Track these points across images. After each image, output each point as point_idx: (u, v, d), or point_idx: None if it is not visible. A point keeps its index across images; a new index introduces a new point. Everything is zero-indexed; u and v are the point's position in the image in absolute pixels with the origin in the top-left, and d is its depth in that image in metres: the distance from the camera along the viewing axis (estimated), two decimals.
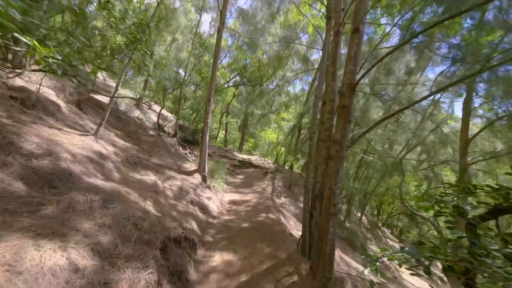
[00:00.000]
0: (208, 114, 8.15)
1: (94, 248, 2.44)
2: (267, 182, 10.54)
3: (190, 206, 5.70)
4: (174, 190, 5.92)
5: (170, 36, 14.01)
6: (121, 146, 6.75)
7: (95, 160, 4.42)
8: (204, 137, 8.02)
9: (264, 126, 20.49)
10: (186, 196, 6.10)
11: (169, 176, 6.48)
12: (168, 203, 5.05)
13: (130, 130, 8.61)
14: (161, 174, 6.30)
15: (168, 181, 6.18)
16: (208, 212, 6.16)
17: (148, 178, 5.56)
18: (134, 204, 3.73)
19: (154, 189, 5.16)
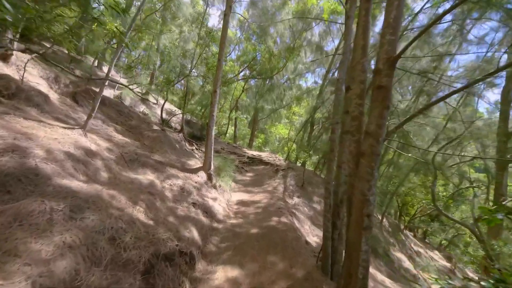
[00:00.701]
0: (213, 106, 7.38)
1: (37, 282, 1.70)
2: (278, 180, 9.71)
3: (191, 209, 4.97)
4: (174, 191, 5.20)
5: (177, 29, 13.32)
6: (118, 142, 6.10)
7: (77, 157, 3.73)
8: (210, 132, 7.26)
9: (274, 121, 19.57)
10: (188, 197, 5.37)
11: (170, 175, 5.77)
12: (165, 206, 4.32)
13: (132, 124, 7.98)
14: (160, 173, 5.60)
15: (168, 180, 5.47)
16: (212, 215, 5.41)
17: (144, 177, 4.85)
18: (117, 212, 3.00)
19: (150, 190, 4.44)
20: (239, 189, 8.66)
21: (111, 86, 10.82)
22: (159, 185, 4.94)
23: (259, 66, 15.09)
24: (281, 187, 8.98)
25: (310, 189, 9.53)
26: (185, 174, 6.54)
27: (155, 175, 5.34)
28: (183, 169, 6.79)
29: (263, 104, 18.43)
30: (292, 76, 18.05)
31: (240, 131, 22.02)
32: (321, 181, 10.36)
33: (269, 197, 7.71)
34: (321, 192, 9.59)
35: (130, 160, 5.33)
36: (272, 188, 8.87)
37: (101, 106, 7.68)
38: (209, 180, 7.04)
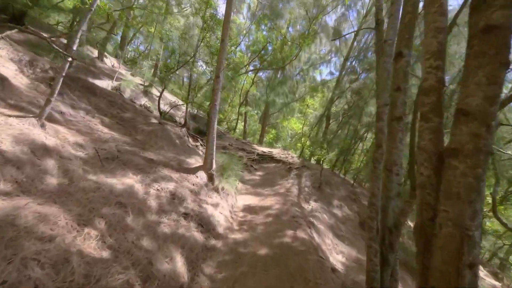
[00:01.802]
0: (216, 94, 6.13)
1: None
2: (292, 180, 8.37)
3: (181, 223, 3.76)
4: (161, 198, 4.01)
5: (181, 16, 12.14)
6: (100, 136, 4.98)
7: (9, 156, 2.58)
8: (211, 124, 6.03)
9: (287, 115, 18.12)
10: (180, 205, 4.16)
11: (159, 177, 4.59)
12: (141, 223, 3.13)
13: (124, 117, 6.88)
14: (147, 174, 4.42)
15: (156, 183, 4.29)
16: (210, 228, 4.19)
17: (120, 181, 3.68)
18: (36, 245, 1.81)
19: (123, 199, 3.25)
20: (246, 191, 7.41)
21: (109, 77, 9.81)
22: (140, 192, 3.75)
23: (270, 56, 13.68)
24: (295, 188, 7.66)
25: (329, 191, 8.13)
26: (181, 175, 5.35)
27: (139, 177, 4.17)
28: (179, 169, 5.60)
29: (274, 98, 17.02)
30: (305, 67, 16.51)
31: (250, 127, 20.74)
32: (340, 181, 8.94)
33: (281, 202, 6.41)
34: (341, 194, 8.19)
35: (108, 158, 4.18)
36: (285, 190, 7.56)
37: (90, 96, 6.63)
38: (210, 181, 5.83)
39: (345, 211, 7.42)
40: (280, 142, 19.66)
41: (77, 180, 3.09)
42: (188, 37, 7.73)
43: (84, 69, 9.36)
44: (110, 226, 2.66)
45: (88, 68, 9.54)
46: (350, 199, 8.15)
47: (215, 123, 6.13)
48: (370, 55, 11.93)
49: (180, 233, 3.44)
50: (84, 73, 9.11)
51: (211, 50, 7.62)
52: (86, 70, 9.38)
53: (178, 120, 11.40)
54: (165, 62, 8.40)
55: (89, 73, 9.29)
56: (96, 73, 9.65)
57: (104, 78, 9.67)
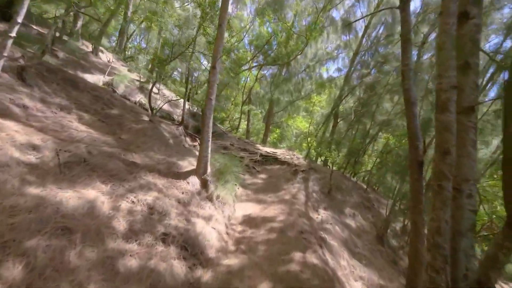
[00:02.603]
0: (212, 87, 5.19)
1: None
2: (298, 185, 7.39)
3: (158, 248, 2.83)
4: (135, 214, 3.09)
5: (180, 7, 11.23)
6: (71, 135, 4.09)
7: None
8: (206, 122, 5.11)
9: (292, 113, 17.05)
10: (160, 222, 3.24)
11: (138, 185, 3.67)
12: (96, 256, 2.21)
13: (110, 114, 6.00)
14: (122, 182, 3.51)
15: (132, 194, 3.37)
16: (197, 252, 3.25)
17: (77, 194, 2.76)
18: None
19: (72, 222, 2.34)
20: (247, 197, 6.46)
21: (102, 72, 8.97)
22: (104, 208, 2.84)
23: (274, 51, 12.68)
24: (301, 194, 6.68)
25: (340, 197, 7.13)
26: (169, 181, 4.44)
27: (108, 187, 3.25)
28: (168, 174, 4.69)
29: (278, 96, 15.98)
30: (312, 63, 15.43)
31: (254, 126, 19.76)
32: (352, 185, 7.92)
33: (286, 211, 5.45)
34: (354, 201, 7.17)
35: (71, 163, 3.27)
36: (291, 196, 6.58)
37: (71, 90, 5.77)
38: (204, 188, 4.90)
39: (359, 221, 6.42)
40: (284, 142, 18.64)
41: (4, 196, 2.18)
42: (185, 27, 6.78)
43: (74, 63, 8.54)
44: (32, 269, 1.74)
45: (78, 62, 8.71)
46: (363, 207, 7.14)
47: (211, 120, 5.20)
48: (382, 49, 10.86)
49: (151, 266, 2.51)
50: (72, 67, 8.29)
51: (208, 39, 6.67)
52: (76, 64, 8.56)
53: (176, 118, 10.52)
54: (157, 53, 7.51)
55: (78, 67, 8.46)
56: (87, 67, 8.81)
57: (96, 73, 8.83)
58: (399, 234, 6.41)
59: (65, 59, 8.33)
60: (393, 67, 7.46)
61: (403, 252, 5.71)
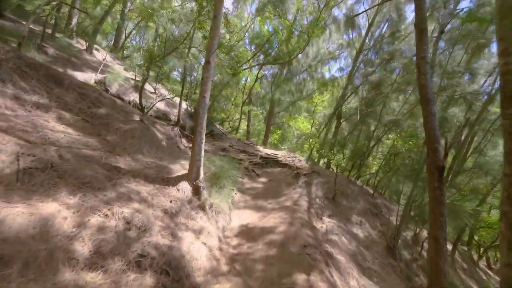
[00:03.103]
0: (206, 84, 4.66)
1: None
2: (300, 189, 6.83)
3: (130, 275, 2.28)
4: (107, 231, 2.54)
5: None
6: (44, 136, 3.57)
7: None
8: (200, 121, 4.56)
9: (293, 114, 16.47)
10: (137, 241, 2.69)
11: (117, 195, 3.13)
12: None
13: (97, 113, 5.47)
14: (96, 192, 2.97)
15: (106, 206, 2.83)
16: (181, 276, 2.70)
17: (31, 209, 2.22)
18: None
19: (12, 247, 1.80)
20: (245, 203, 5.90)
21: (93, 69, 8.46)
22: (66, 225, 2.30)
23: (275, 49, 12.15)
24: (304, 200, 6.12)
25: (345, 203, 6.55)
26: (155, 188, 3.90)
27: (77, 198, 2.71)
28: (156, 179, 4.15)
29: (280, 96, 15.43)
30: (314, 62, 14.89)
31: (255, 127, 19.21)
32: (357, 190, 7.34)
33: (288, 220, 4.88)
34: (360, 207, 6.59)
35: (34, 169, 2.74)
36: (292, 202, 6.02)
37: (53, 87, 5.25)
38: (196, 195, 4.35)
39: (367, 229, 5.84)
40: (286, 143, 18.06)
41: None
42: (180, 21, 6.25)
43: (64, 60, 8.05)
44: None
45: (69, 59, 8.21)
46: (371, 214, 6.56)
47: (205, 120, 4.65)
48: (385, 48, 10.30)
49: None
50: (62, 64, 7.79)
51: (204, 34, 6.14)
52: (66, 61, 8.06)
53: (173, 119, 10.00)
54: (149, 48, 7.00)
55: (69, 64, 7.96)
56: (78, 64, 8.32)
57: (87, 71, 8.33)
58: (411, 244, 5.84)
59: (54, 56, 7.83)
60: (400, 64, 6.90)
61: (417, 266, 5.13)
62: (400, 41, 7.83)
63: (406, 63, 7.19)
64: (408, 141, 6.08)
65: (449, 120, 4.96)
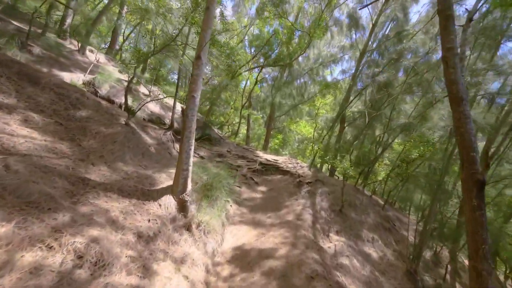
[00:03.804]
0: (196, 82, 4.01)
1: None
2: (303, 200, 6.10)
3: None
4: (43, 273, 1.83)
5: None
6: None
7: None
8: (188, 124, 3.89)
9: (295, 118, 15.76)
10: (88, 283, 1.97)
11: (70, 219, 2.43)
12: None
13: (75, 115, 4.80)
14: (42, 215, 2.27)
15: (54, 236, 2.13)
16: None
17: None
18: None
19: None
20: (241, 217, 5.17)
21: (83, 70, 7.84)
22: None
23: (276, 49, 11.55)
24: (307, 213, 5.39)
25: (354, 216, 5.79)
26: (131, 204, 3.19)
27: (12, 225, 2.01)
28: (134, 193, 3.45)
29: (280, 100, 14.77)
30: (315, 65, 14.27)
31: (255, 131, 18.52)
32: (366, 201, 6.58)
33: (290, 240, 4.15)
34: (371, 221, 5.83)
35: None
36: (295, 216, 5.29)
37: (26, 86, 4.60)
38: (182, 211, 3.63)
39: (381, 248, 5.07)
40: (287, 148, 17.33)
41: None
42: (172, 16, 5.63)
43: (51, 60, 7.44)
44: None
45: (57, 59, 7.61)
46: (383, 228, 5.79)
47: (194, 122, 3.97)
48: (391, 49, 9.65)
49: None
50: (48, 64, 7.18)
51: (197, 29, 5.50)
52: (53, 61, 7.45)
53: (168, 122, 9.34)
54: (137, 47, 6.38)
55: (56, 64, 7.35)
56: (66, 65, 7.70)
57: (76, 71, 7.71)
58: (431, 265, 5.07)
59: (41, 55, 7.23)
60: (411, 62, 6.22)
61: None
62: (408, 40, 7.17)
63: (417, 61, 6.51)
64: (424, 147, 5.36)
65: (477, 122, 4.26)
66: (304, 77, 15.15)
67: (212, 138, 10.79)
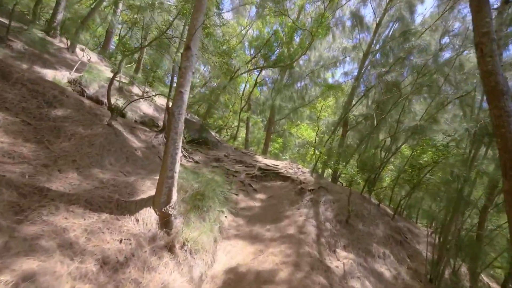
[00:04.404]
0: (184, 76, 3.45)
1: None
2: (306, 210, 5.50)
3: None
4: None
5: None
6: None
7: None
8: (174, 124, 3.31)
9: (296, 121, 15.18)
10: None
11: (3, 245, 1.81)
12: None
13: (49, 114, 4.21)
14: None
15: None
16: None
17: None
18: None
19: None
20: (237, 230, 4.54)
21: (68, 67, 7.28)
22: None
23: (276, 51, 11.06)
24: (311, 225, 4.78)
25: (362, 228, 5.17)
26: (99, 220, 2.60)
27: None
28: (105, 206, 2.85)
29: (280, 103, 14.23)
30: (317, 67, 13.79)
31: (254, 135, 17.92)
32: (374, 210, 5.97)
33: (293, 258, 3.54)
34: (380, 233, 5.22)
35: None
36: (297, 228, 4.67)
37: None
38: (164, 227, 3.02)
39: (393, 265, 4.45)
40: (287, 153, 16.71)
41: None
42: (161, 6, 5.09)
43: (34, 56, 6.87)
44: None
45: (41, 56, 7.06)
46: (394, 242, 5.17)
47: (181, 122, 3.38)
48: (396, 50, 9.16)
49: None
50: (29, 60, 6.61)
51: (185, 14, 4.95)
52: (36, 57, 6.89)
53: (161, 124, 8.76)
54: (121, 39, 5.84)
55: (38, 61, 6.78)
56: (51, 62, 7.14)
57: (62, 69, 7.14)
58: (449, 284, 4.45)
59: (22, 51, 6.66)
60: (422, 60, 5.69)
61: None
62: (417, 38, 6.67)
63: (428, 59, 5.99)
64: (438, 151, 4.79)
65: None
66: (305, 79, 14.66)
67: (209, 141, 10.20)
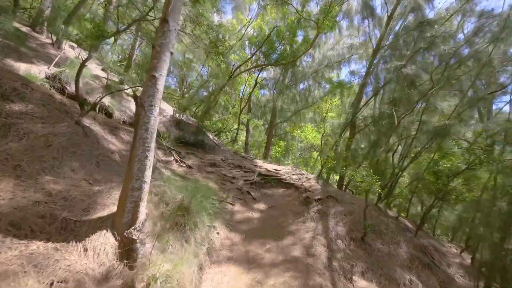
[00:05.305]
0: (158, 56, 2.67)
1: None
2: (313, 224, 4.66)
3: None
4: None
5: None
6: None
7: None
8: (143, 119, 2.53)
9: (298, 123, 14.34)
10: None
11: None
12: None
13: (2, 109, 3.45)
14: None
15: None
16: None
17: None
18: None
19: None
20: (230, 251, 3.70)
21: (46, 61, 6.58)
22: None
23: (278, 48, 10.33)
24: (320, 245, 3.95)
25: (380, 247, 4.30)
26: (27, 251, 1.78)
27: None
28: (42, 230, 2.04)
29: (282, 104, 13.44)
30: (321, 67, 13.01)
31: (255, 138, 17.10)
32: (393, 224, 5.09)
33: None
34: (404, 253, 4.34)
35: None
36: (303, 248, 3.83)
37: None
38: (126, 258, 2.20)
39: None
40: (289, 157, 15.84)
41: None
42: None
43: (8, 49, 6.20)
44: None
45: (17, 49, 6.38)
46: (421, 264, 4.29)
47: (154, 117, 2.60)
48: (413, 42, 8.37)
49: None
50: (1, 53, 5.95)
51: None
52: (11, 50, 6.21)
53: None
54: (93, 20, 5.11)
55: (13, 54, 6.09)
56: (28, 56, 6.44)
57: (40, 63, 6.44)
58: None
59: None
60: (452, 48, 4.89)
61: None
62: (440, 25, 5.87)
63: (458, 47, 5.16)
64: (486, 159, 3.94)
65: None
66: (308, 80, 13.90)
67: (206, 144, 9.43)
